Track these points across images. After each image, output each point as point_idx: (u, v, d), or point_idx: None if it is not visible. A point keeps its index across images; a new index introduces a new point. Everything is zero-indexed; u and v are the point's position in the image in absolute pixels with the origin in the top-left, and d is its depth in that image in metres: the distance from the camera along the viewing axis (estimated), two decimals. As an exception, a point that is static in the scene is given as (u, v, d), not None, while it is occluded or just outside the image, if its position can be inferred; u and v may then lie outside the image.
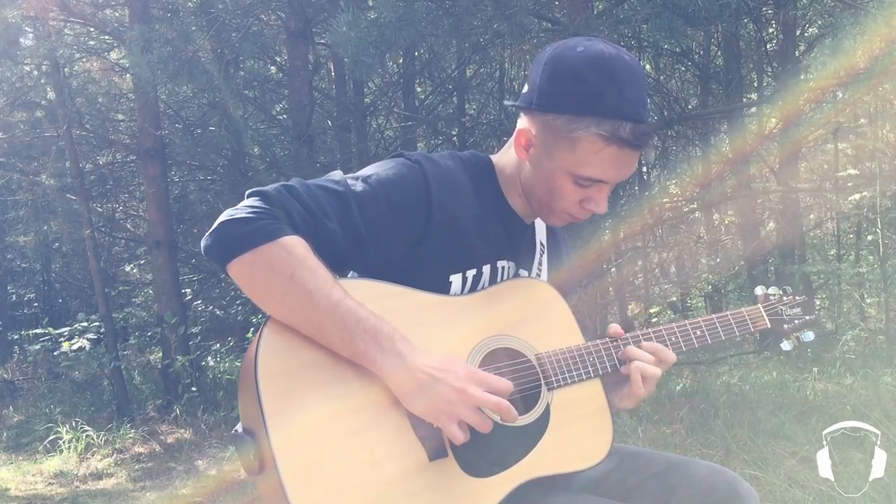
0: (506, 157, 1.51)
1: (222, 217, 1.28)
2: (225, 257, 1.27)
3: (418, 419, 1.30)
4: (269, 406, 1.22)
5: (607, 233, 5.24)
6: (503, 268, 1.51)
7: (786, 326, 1.74)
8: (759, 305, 1.73)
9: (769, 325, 1.71)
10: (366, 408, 1.29)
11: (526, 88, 1.44)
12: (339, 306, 1.26)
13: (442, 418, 1.27)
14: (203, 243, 1.29)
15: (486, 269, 1.48)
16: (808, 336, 1.75)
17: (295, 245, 1.26)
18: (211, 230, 1.28)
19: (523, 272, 1.57)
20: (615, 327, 1.54)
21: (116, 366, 6.99)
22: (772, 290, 1.77)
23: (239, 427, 1.31)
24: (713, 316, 1.63)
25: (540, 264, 1.61)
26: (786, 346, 1.74)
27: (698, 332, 1.58)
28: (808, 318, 1.76)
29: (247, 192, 1.32)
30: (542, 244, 1.63)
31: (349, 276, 1.41)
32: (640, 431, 4.14)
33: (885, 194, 6.32)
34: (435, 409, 1.27)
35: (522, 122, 1.44)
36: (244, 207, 1.28)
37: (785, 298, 1.76)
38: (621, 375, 1.51)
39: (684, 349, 1.58)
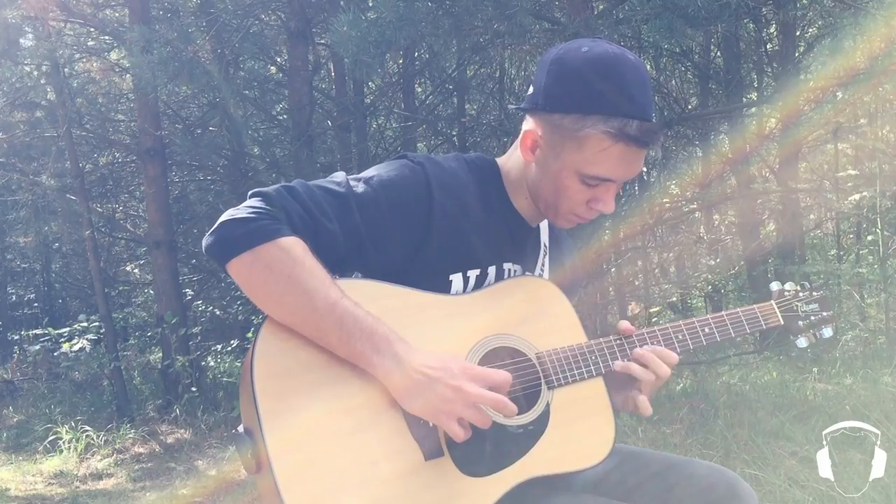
0: (511, 160, 1.51)
1: (223, 217, 1.29)
2: (224, 256, 1.29)
3: (415, 419, 1.30)
4: (265, 406, 1.23)
5: (607, 233, 5.23)
6: (509, 270, 1.51)
7: (800, 323, 1.67)
8: (773, 302, 1.66)
9: (782, 323, 1.64)
10: (362, 408, 1.29)
11: (531, 90, 1.44)
12: (337, 306, 1.27)
13: (441, 417, 1.27)
14: (204, 242, 1.31)
15: (492, 270, 1.48)
16: (827, 333, 1.67)
17: (293, 245, 1.27)
18: (212, 230, 1.30)
19: (528, 275, 1.57)
20: (625, 324, 1.52)
21: (116, 366, 6.99)
22: (788, 285, 1.70)
23: (241, 427, 1.32)
24: (723, 313, 1.58)
25: (543, 265, 1.61)
26: (801, 342, 1.67)
27: (706, 330, 1.55)
28: (825, 314, 1.68)
29: (249, 193, 1.34)
30: (545, 245, 1.63)
31: (353, 276, 1.41)
32: (640, 431, 4.14)
33: (885, 194, 6.31)
34: (433, 408, 1.27)
35: (528, 123, 1.44)
36: (245, 208, 1.29)
37: (801, 294, 1.69)
38: (626, 376, 1.48)
39: (692, 347, 1.55)
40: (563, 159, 1.40)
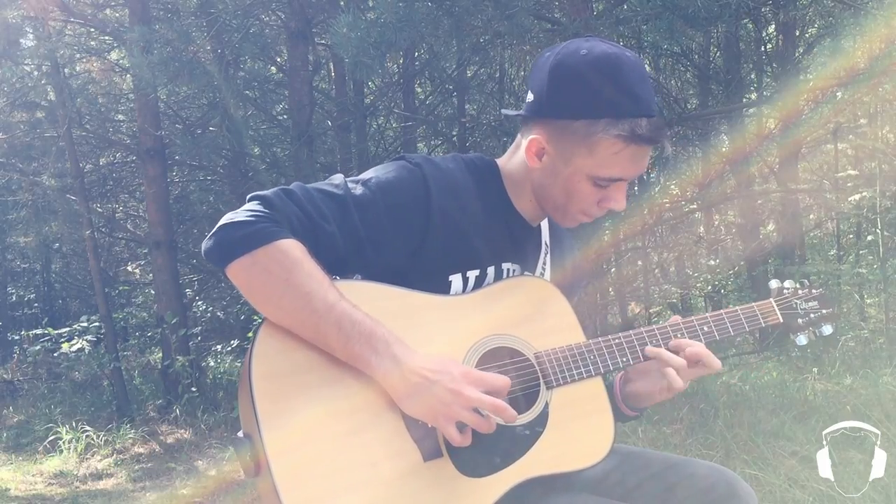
0: (512, 161, 1.51)
1: (222, 220, 1.30)
2: (223, 260, 1.29)
3: (413, 420, 1.30)
4: (263, 408, 1.23)
5: (607, 233, 5.23)
6: (508, 270, 1.51)
7: (800, 321, 1.66)
8: (772, 300, 1.65)
9: (781, 321, 1.63)
10: (361, 409, 1.29)
11: (531, 97, 1.43)
12: (335, 308, 1.27)
13: (439, 420, 1.27)
14: (203, 246, 1.31)
15: (491, 270, 1.47)
16: (826, 330, 1.66)
17: (291, 248, 1.27)
18: (211, 233, 1.30)
19: (527, 275, 1.56)
20: (676, 317, 1.56)
21: (116, 366, 7.00)
22: (787, 283, 1.70)
23: (240, 433, 1.32)
24: (722, 311, 1.58)
25: (544, 264, 1.61)
26: (801, 340, 1.66)
27: (706, 328, 1.55)
28: (824, 311, 1.68)
29: (247, 197, 1.34)
30: (546, 244, 1.62)
31: (353, 278, 1.41)
32: (640, 431, 4.14)
33: (885, 194, 6.31)
34: (431, 411, 1.27)
35: (530, 130, 1.44)
36: (244, 211, 1.30)
37: (800, 292, 1.68)
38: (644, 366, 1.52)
39: None
40: (574, 164, 1.40)
